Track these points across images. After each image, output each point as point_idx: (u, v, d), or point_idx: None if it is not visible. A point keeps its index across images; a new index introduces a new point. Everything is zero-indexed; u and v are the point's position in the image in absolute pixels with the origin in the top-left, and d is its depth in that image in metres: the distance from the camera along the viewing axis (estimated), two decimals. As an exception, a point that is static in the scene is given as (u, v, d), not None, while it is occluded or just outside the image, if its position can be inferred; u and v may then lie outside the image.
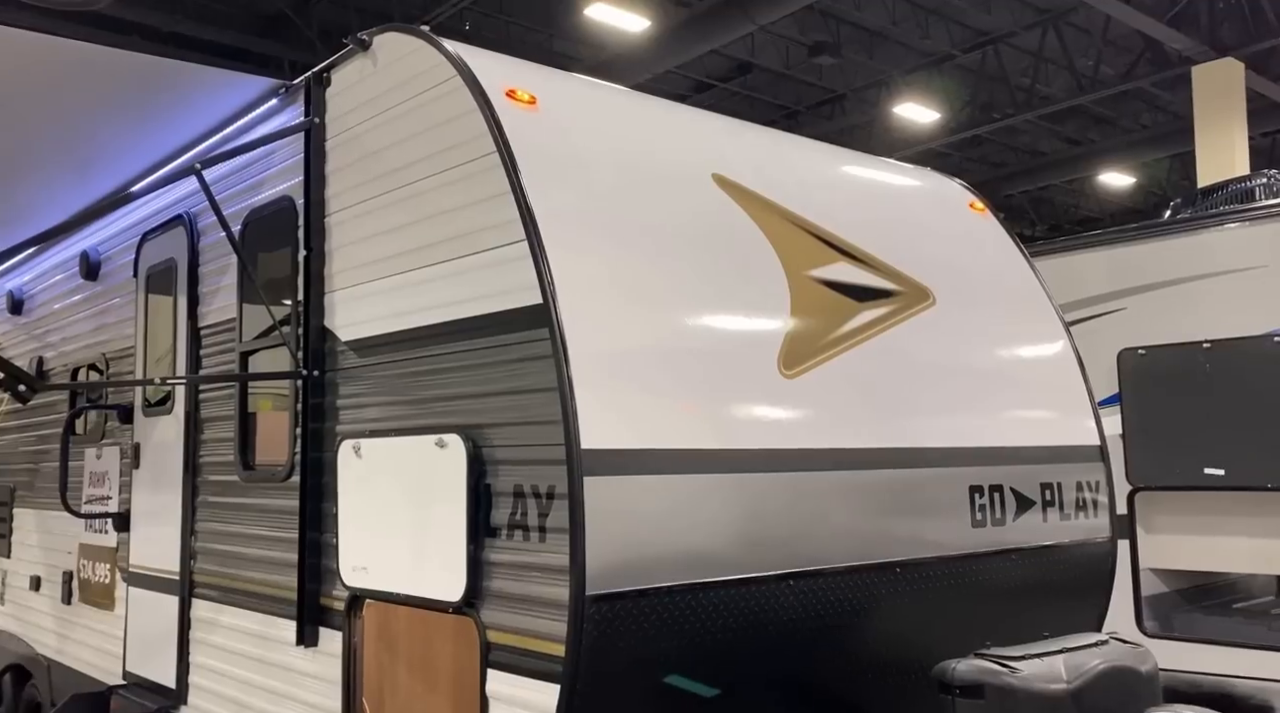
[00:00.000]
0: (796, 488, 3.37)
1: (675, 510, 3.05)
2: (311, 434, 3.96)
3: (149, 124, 4.69)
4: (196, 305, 4.95)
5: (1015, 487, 4.11)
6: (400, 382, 3.59)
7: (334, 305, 3.97)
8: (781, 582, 3.29)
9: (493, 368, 3.21)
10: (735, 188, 3.84)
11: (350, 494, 3.70)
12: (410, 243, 3.58)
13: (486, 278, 3.24)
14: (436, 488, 3.30)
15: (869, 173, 4.63)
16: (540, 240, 3.05)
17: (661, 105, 4.11)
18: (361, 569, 3.61)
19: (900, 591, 3.65)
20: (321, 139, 4.08)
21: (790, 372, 3.52)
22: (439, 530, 3.27)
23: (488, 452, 3.19)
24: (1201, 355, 6.42)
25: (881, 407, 3.76)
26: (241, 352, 4.56)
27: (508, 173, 3.15)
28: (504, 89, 3.37)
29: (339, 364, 3.92)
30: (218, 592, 4.62)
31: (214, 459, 4.74)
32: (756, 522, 3.24)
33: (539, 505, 3.00)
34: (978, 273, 4.59)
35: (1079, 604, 4.43)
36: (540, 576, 2.97)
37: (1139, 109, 23.69)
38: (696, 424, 3.20)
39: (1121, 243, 7.17)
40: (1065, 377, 4.61)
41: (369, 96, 3.85)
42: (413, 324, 3.54)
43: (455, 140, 3.39)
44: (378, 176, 3.77)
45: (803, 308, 3.69)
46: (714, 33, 16.70)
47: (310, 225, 4.05)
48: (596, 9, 16.55)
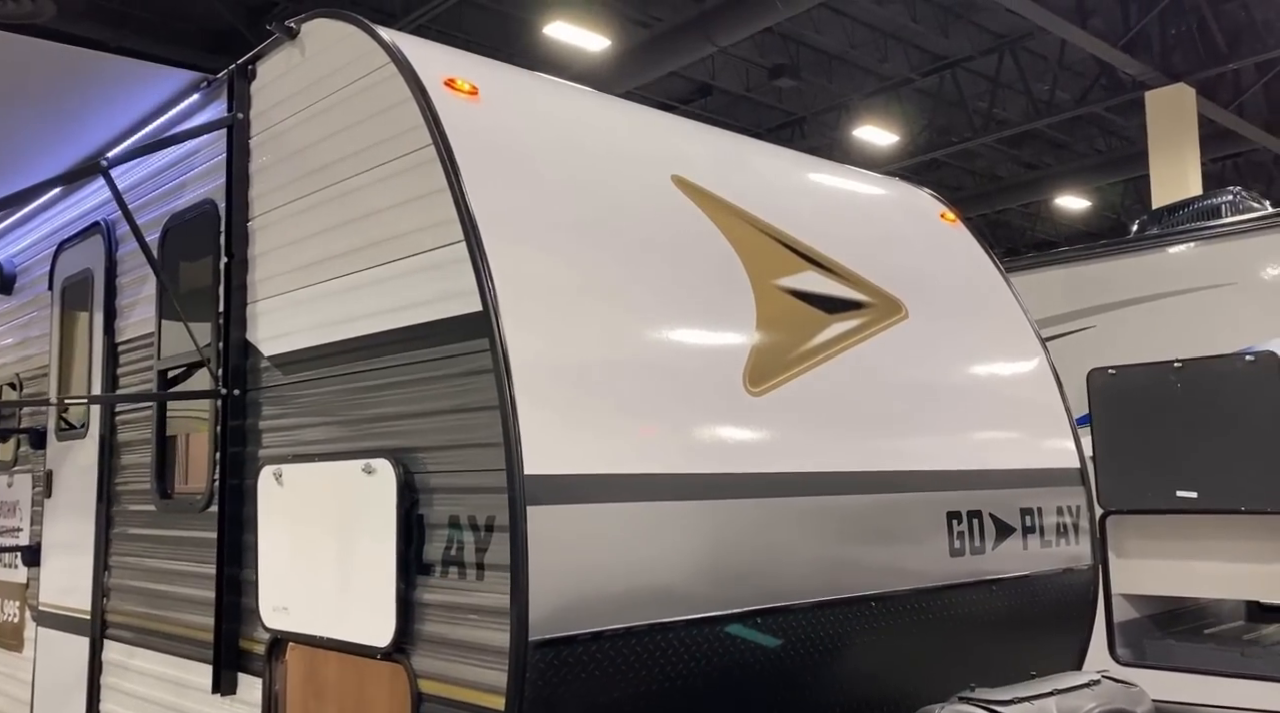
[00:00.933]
0: (765, 516, 3.07)
1: (631, 542, 2.73)
2: (231, 459, 3.61)
3: (63, 121, 4.31)
4: (114, 320, 4.58)
5: (995, 512, 3.84)
6: (327, 401, 3.25)
7: (257, 317, 3.62)
8: (748, 619, 2.98)
9: (427, 384, 2.88)
10: (696, 191, 3.56)
11: (271, 525, 3.35)
12: (339, 247, 3.25)
13: (422, 284, 2.92)
14: (364, 519, 2.96)
15: (837, 181, 4.37)
16: (480, 242, 2.74)
17: (617, 103, 3.82)
18: (283, 609, 3.25)
19: (876, 626, 3.36)
20: (245, 136, 3.75)
21: (757, 389, 3.23)
22: (366, 566, 2.93)
23: (420, 478, 2.86)
24: (1172, 374, 6.30)
25: (854, 427, 3.48)
26: (160, 369, 4.19)
27: (445, 168, 2.84)
28: (442, 78, 3.06)
29: (262, 382, 3.58)
30: (131, 633, 4.22)
31: (130, 487, 4.35)
32: (721, 554, 2.94)
33: (477, 539, 2.67)
34: (950, 286, 4.34)
35: (1061, 636, 4.17)
36: (478, 618, 2.64)
37: (1094, 134, 23.95)
38: (654, 446, 2.89)
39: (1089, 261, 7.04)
40: (1043, 395, 4.36)
41: (297, 88, 3.52)
42: (341, 336, 3.21)
43: (389, 133, 3.08)
44: (305, 175, 3.44)
45: (770, 320, 3.41)
46: (674, 54, 16.68)
47: (232, 230, 3.71)
48: (556, 28, 16.38)
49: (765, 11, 15.28)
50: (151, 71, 3.99)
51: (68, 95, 4.09)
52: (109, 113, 4.22)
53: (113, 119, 4.30)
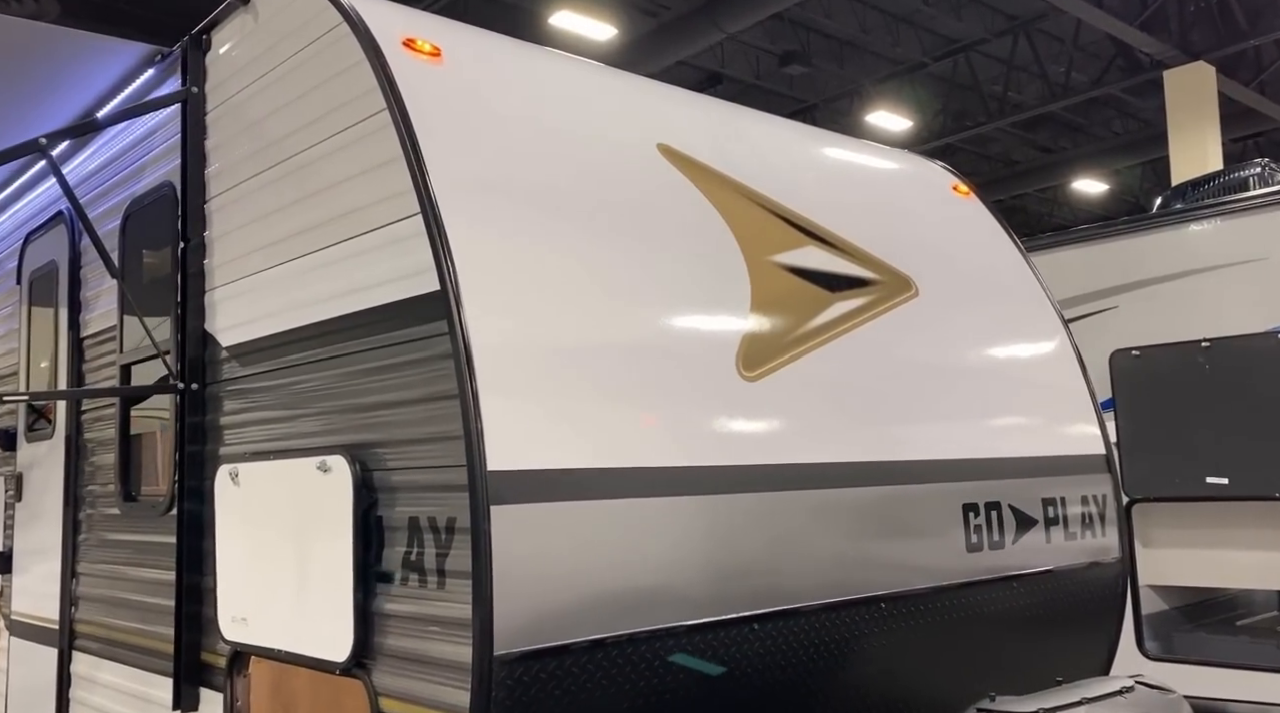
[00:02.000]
0: (760, 512, 2.80)
1: (608, 544, 2.47)
2: (190, 458, 3.36)
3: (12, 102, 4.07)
4: (78, 313, 4.34)
5: (1014, 503, 3.56)
6: (285, 393, 3.00)
7: (216, 306, 3.37)
8: (744, 625, 2.71)
9: (385, 373, 2.63)
10: (686, 161, 3.29)
11: (228, 530, 3.10)
12: (296, 225, 3.00)
13: (378, 263, 2.66)
14: (320, 521, 2.71)
15: (841, 152, 4.09)
16: (438, 214, 2.48)
17: (599, 69, 3.55)
18: (242, 620, 3.01)
19: (887, 629, 3.08)
20: (201, 111, 3.50)
21: (752, 373, 2.96)
22: (323, 574, 2.68)
23: (379, 476, 2.60)
24: (1200, 356, 6.09)
25: (859, 414, 3.20)
26: (123, 364, 3.94)
27: (400, 134, 2.58)
28: (401, 38, 2.80)
29: (221, 375, 3.33)
30: (98, 644, 3.99)
31: (97, 489, 4.12)
32: (711, 554, 2.67)
33: (437, 542, 2.41)
34: (964, 262, 4.05)
35: (1088, 635, 3.89)
36: (439, 631, 2.39)
37: (1110, 116, 23.59)
38: (634, 437, 2.62)
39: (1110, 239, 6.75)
40: (1065, 378, 4.08)
41: (251, 57, 3.27)
42: (298, 323, 2.96)
43: (343, 99, 2.82)
44: (263, 149, 3.19)
45: (766, 299, 3.14)
46: (683, 42, 16.49)
47: (188, 212, 3.46)
48: (562, 17, 16.15)
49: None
50: (103, 46, 3.74)
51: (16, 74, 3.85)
52: (58, 93, 3.98)
53: (65, 99, 4.05)
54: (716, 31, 16.03)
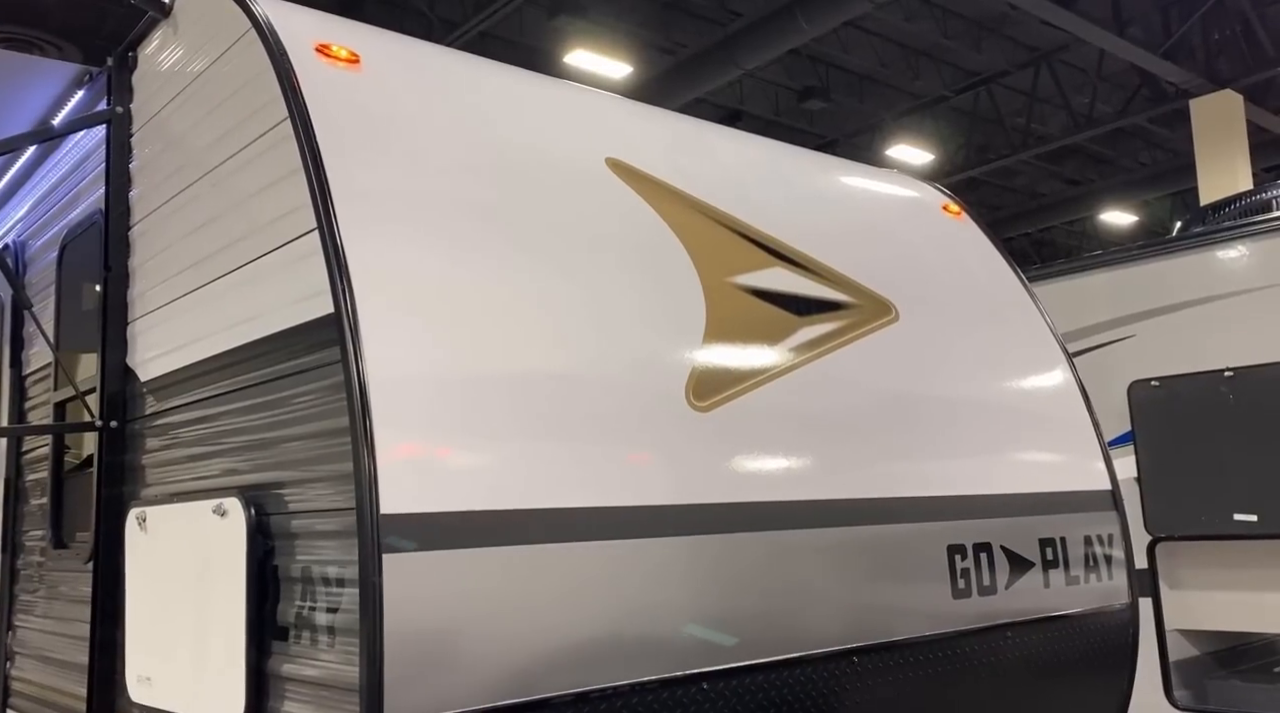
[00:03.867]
0: (708, 558, 2.51)
1: (523, 597, 2.19)
2: (108, 501, 3.13)
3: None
4: (20, 350, 4.14)
5: (1007, 544, 3.25)
6: (191, 430, 2.77)
7: (136, 337, 3.16)
8: (691, 685, 2.42)
9: (278, 407, 2.39)
10: (636, 175, 3.05)
11: (136, 579, 2.86)
12: (209, 246, 2.78)
13: (276, 285, 2.43)
14: (216, 571, 2.45)
15: (816, 169, 3.84)
16: (335, 229, 2.24)
17: (547, 81, 3.33)
18: (146, 681, 2.75)
19: (862, 686, 2.78)
20: (126, 132, 3.30)
21: (703, 403, 2.69)
22: (218, 630, 2.42)
23: (277, 521, 2.35)
24: (1224, 385, 5.82)
25: (826, 447, 2.91)
26: (55, 402, 3.73)
27: (300, 143, 2.35)
28: (313, 43, 2.59)
29: (141, 411, 3.10)
30: (32, 703, 3.74)
31: (32, 536, 3.90)
32: (649, 605, 2.38)
33: (329, 595, 2.15)
34: (953, 285, 3.77)
35: (1096, 687, 3.56)
36: (329, 696, 2.12)
37: (1137, 147, 23.28)
38: (561, 476, 2.35)
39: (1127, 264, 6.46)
40: (1065, 409, 3.77)
41: (172, 70, 3.07)
42: (205, 354, 2.73)
43: (251, 108, 2.61)
44: (181, 167, 2.98)
45: (722, 323, 2.87)
46: (700, 79, 16.43)
47: (111, 239, 3.25)
48: (577, 56, 16.12)
49: (790, 33, 14.99)
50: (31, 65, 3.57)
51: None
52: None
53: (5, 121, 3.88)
54: (734, 68, 15.95)
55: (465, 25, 15.34)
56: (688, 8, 16.55)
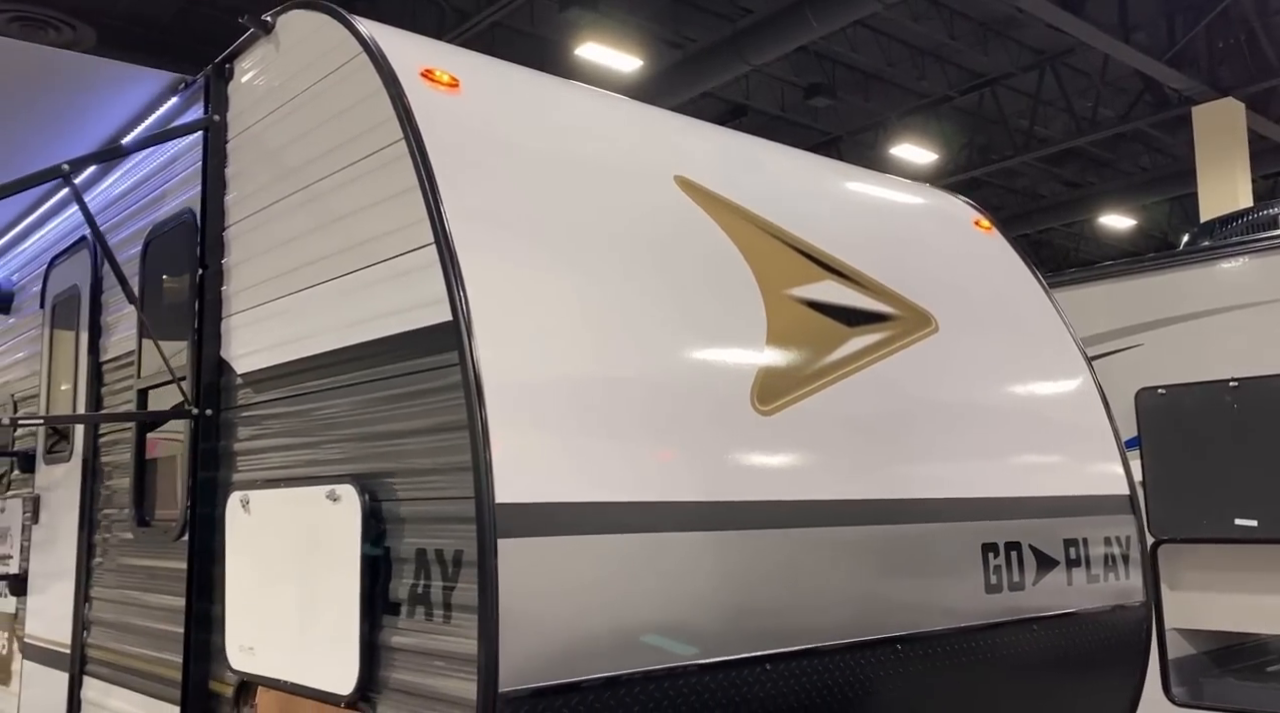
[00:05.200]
0: (773, 550, 2.76)
1: (618, 580, 2.43)
2: (203, 485, 3.35)
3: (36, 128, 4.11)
4: (99, 337, 4.36)
5: (1035, 544, 3.50)
6: (296, 421, 2.99)
7: (231, 332, 3.38)
8: (756, 666, 2.66)
9: (395, 403, 2.61)
10: (702, 193, 3.27)
11: (238, 557, 3.09)
12: (312, 253, 3.00)
13: (391, 292, 2.65)
14: (328, 551, 2.68)
15: (860, 184, 4.06)
16: (451, 244, 2.46)
17: (617, 100, 3.55)
18: (249, 650, 2.98)
19: (902, 672, 3.02)
20: (222, 139, 3.52)
21: (766, 408, 2.92)
22: (330, 605, 2.65)
23: (389, 507, 2.58)
24: (1228, 395, 6.01)
25: (876, 450, 3.16)
26: (139, 389, 3.95)
27: (415, 163, 2.58)
28: (419, 68, 2.81)
29: (236, 401, 3.33)
30: (109, 669, 3.97)
31: (112, 514, 4.12)
32: (722, 592, 2.62)
33: (444, 575, 2.39)
34: (986, 297, 4.01)
35: (1112, 680, 3.80)
36: (444, 666, 2.35)
37: (1138, 151, 23.49)
38: (648, 472, 2.59)
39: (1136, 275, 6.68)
40: (1087, 417, 4.01)
41: (273, 86, 3.29)
42: (311, 351, 2.95)
43: (361, 128, 2.82)
44: (281, 177, 3.19)
45: (782, 332, 3.10)
46: (707, 74, 16.54)
47: (207, 239, 3.47)
48: (588, 49, 16.24)
49: (799, 29, 15.12)
50: (129, 74, 3.77)
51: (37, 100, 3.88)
52: (84, 119, 4.01)
53: (91, 126, 4.09)
54: (742, 64, 16.09)
55: (478, 16, 15.43)
56: (697, 3, 16.67)
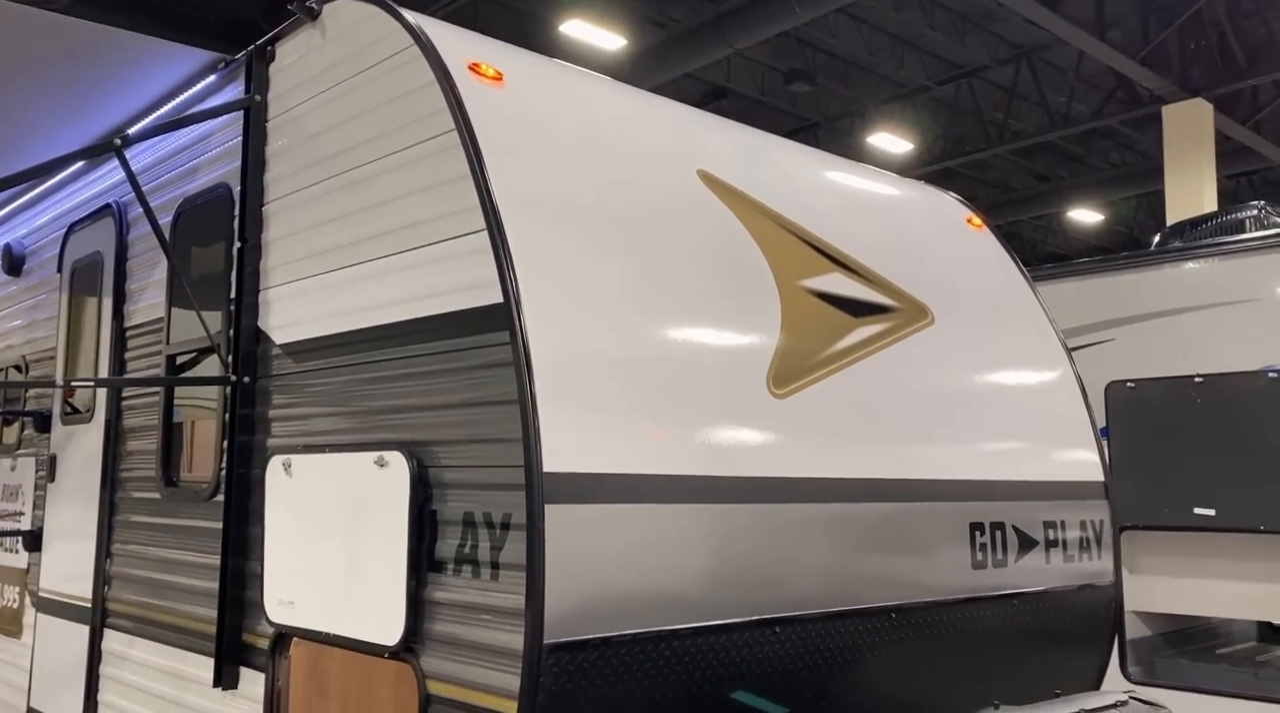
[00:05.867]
0: (787, 522, 2.98)
1: (649, 545, 2.65)
2: (239, 448, 3.52)
3: (75, 98, 4.23)
4: (123, 303, 4.49)
5: (1018, 525, 3.75)
6: (339, 391, 3.17)
7: (269, 304, 3.54)
8: (765, 628, 2.89)
9: (444, 376, 2.80)
10: (723, 187, 3.47)
11: (278, 517, 3.27)
12: (355, 234, 3.17)
13: (440, 273, 2.83)
14: (375, 513, 2.87)
15: (863, 182, 4.28)
16: (503, 230, 2.65)
17: (643, 95, 3.74)
18: (289, 604, 3.17)
19: (896, 638, 3.26)
20: (263, 119, 3.67)
21: (781, 391, 3.14)
22: (376, 562, 2.84)
23: (435, 473, 2.77)
24: (1193, 390, 6.24)
25: (878, 433, 3.39)
26: (168, 355, 4.10)
27: (468, 154, 2.76)
28: (467, 62, 2.98)
29: (273, 370, 3.49)
30: (132, 622, 4.14)
31: (135, 474, 4.27)
32: (742, 560, 2.85)
33: (492, 537, 2.59)
34: (977, 292, 4.25)
35: (1082, 653, 4.07)
36: (491, 619, 2.56)
37: (1108, 148, 23.87)
38: (675, 447, 2.80)
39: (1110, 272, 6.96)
40: (1068, 407, 4.27)
41: (316, 70, 3.44)
42: (355, 326, 3.13)
43: (410, 117, 2.99)
44: (324, 159, 3.36)
45: (795, 321, 3.32)
46: (691, 55, 16.64)
47: (246, 214, 3.63)
48: (573, 26, 16.30)
49: (782, 15, 15.24)
50: (168, 50, 3.90)
51: (80, 72, 4.00)
52: (123, 91, 4.13)
53: (127, 98, 4.21)
54: (724, 46, 16.19)
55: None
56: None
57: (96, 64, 3.95)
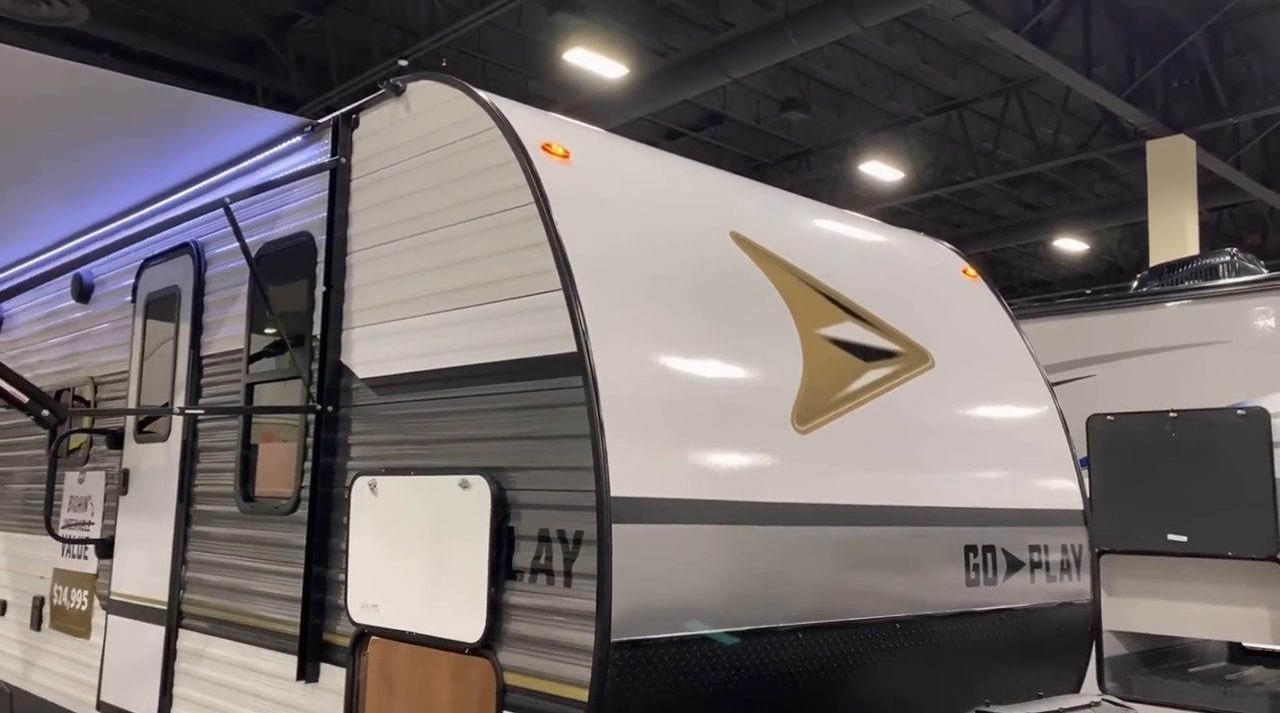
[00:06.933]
0: (809, 542, 3.47)
1: (696, 560, 3.13)
2: (322, 469, 3.99)
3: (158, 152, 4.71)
4: (200, 334, 4.96)
5: (1006, 548, 4.24)
6: (421, 421, 3.63)
7: (351, 342, 4.01)
8: (790, 634, 3.37)
9: (522, 412, 3.27)
10: (751, 246, 3.96)
11: (363, 530, 3.73)
12: (437, 286, 3.65)
13: (520, 325, 3.31)
14: (458, 528, 3.34)
15: (870, 236, 4.78)
16: (576, 290, 3.13)
17: (682, 163, 4.23)
18: (372, 607, 3.63)
19: (899, 646, 3.74)
20: (347, 179, 4.15)
21: (803, 427, 3.63)
22: (459, 571, 3.31)
23: (512, 494, 3.24)
24: (1168, 424, 6.60)
25: (887, 465, 3.88)
26: (247, 383, 4.57)
27: (545, 224, 3.24)
28: (540, 142, 3.46)
29: (354, 400, 3.96)
30: (208, 623, 4.59)
31: (211, 489, 4.72)
32: (770, 575, 3.33)
33: (565, 550, 3.06)
34: (972, 337, 4.74)
35: (1062, 664, 4.55)
36: (564, 620, 3.03)
37: (1094, 179, 24.37)
38: (717, 476, 3.28)
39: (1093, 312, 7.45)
40: (1052, 441, 4.77)
41: (400, 141, 3.92)
42: (437, 365, 3.60)
43: (491, 189, 3.48)
44: (405, 219, 3.84)
45: (814, 366, 3.80)
46: (689, 83, 16.98)
47: (332, 262, 4.10)
48: (576, 54, 16.71)
49: (779, 47, 15.59)
50: (249, 113, 4.39)
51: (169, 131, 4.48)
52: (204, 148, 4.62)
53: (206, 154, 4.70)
54: (722, 76, 16.50)
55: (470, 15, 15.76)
56: (681, 13, 17.14)
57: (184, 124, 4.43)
